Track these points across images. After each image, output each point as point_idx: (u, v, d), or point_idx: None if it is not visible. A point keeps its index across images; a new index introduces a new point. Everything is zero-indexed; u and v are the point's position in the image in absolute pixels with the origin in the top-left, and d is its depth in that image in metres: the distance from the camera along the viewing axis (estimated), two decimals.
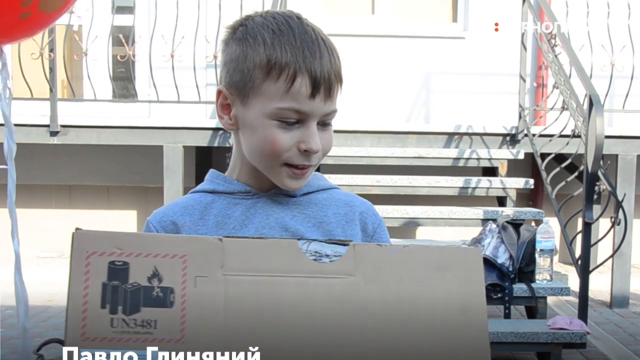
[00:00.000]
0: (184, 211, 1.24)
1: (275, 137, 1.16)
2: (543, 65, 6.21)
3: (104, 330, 0.90)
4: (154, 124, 5.49)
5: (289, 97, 1.14)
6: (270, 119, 1.16)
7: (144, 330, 0.91)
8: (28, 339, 2.64)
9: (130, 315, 0.91)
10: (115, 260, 0.92)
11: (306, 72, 1.14)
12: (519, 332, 3.82)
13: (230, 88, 1.20)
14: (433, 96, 6.64)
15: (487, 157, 5.44)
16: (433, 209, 4.90)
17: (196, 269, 0.93)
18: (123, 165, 6.43)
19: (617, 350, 4.32)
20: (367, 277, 0.97)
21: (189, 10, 5.48)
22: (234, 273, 0.94)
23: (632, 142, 5.50)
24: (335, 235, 1.24)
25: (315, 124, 1.18)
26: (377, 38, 6.57)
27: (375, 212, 1.33)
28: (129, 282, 0.92)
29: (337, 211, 1.27)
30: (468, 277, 1.00)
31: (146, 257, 0.93)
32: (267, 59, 1.15)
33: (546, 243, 4.11)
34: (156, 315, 0.91)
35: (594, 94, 4.20)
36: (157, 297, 0.92)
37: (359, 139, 5.68)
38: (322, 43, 1.18)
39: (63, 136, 5.42)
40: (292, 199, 1.25)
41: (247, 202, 1.24)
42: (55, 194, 6.63)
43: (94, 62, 5.53)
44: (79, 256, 0.93)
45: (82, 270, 0.92)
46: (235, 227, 1.21)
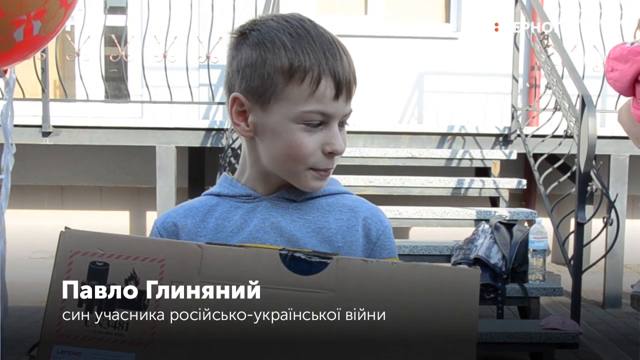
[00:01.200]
0: (187, 213, 1.24)
1: (302, 141, 1.16)
2: (536, 66, 6.21)
3: (78, 329, 0.92)
4: (146, 125, 5.48)
5: (314, 100, 1.14)
6: (295, 122, 1.15)
7: (115, 331, 0.91)
8: None
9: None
10: (97, 260, 0.93)
11: (330, 74, 1.15)
12: (511, 332, 3.83)
13: (247, 94, 1.18)
14: (426, 96, 6.64)
15: (480, 157, 5.44)
16: (426, 210, 4.90)
17: (173, 274, 0.93)
18: (115, 165, 6.42)
19: (609, 350, 4.33)
20: (348, 294, 0.93)
21: (182, 10, 5.47)
22: (211, 280, 0.93)
23: (624, 142, 5.51)
24: (334, 241, 1.21)
25: (337, 126, 1.19)
26: (370, 39, 6.57)
27: (381, 218, 1.28)
28: (107, 282, 0.93)
29: (339, 217, 1.24)
30: (460, 304, 0.93)
31: (126, 259, 0.93)
32: (289, 63, 1.14)
33: (539, 243, 4.12)
34: (129, 317, 0.92)
35: (587, 95, 4.21)
36: (132, 300, 0.92)
37: (351, 140, 5.67)
38: (338, 45, 1.19)
39: (55, 137, 5.40)
40: (294, 204, 1.24)
41: (248, 206, 1.23)
42: (48, 195, 6.61)
43: (86, 63, 5.51)
44: (63, 255, 0.94)
45: (65, 269, 0.94)
46: (233, 230, 1.21)
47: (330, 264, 0.95)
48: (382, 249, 1.25)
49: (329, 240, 1.22)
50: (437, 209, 4.91)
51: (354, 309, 0.92)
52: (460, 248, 4.31)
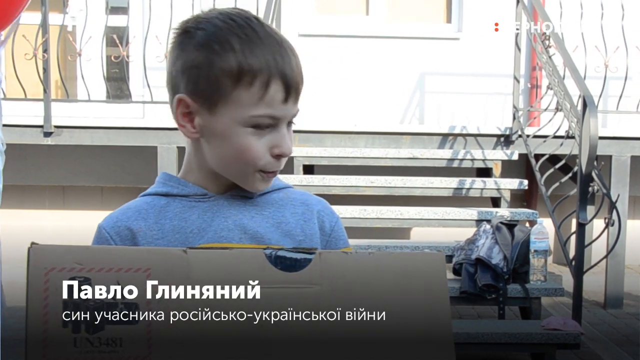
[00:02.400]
0: (138, 216, 1.20)
1: (251, 144, 1.14)
2: (537, 66, 6.22)
3: (67, 351, 0.86)
4: (148, 125, 5.48)
5: (264, 104, 1.12)
6: (244, 126, 1.13)
7: (109, 349, 0.87)
8: None
9: (95, 333, 0.87)
10: (77, 276, 0.87)
11: (279, 77, 1.12)
12: (513, 332, 3.83)
13: (193, 96, 1.16)
14: (427, 97, 6.64)
15: (481, 157, 5.43)
16: (427, 210, 4.90)
17: (161, 282, 0.90)
18: (117, 166, 6.42)
19: (611, 350, 4.33)
20: (333, 285, 0.95)
21: (183, 10, 5.45)
22: (200, 285, 0.91)
23: (625, 143, 5.51)
24: (294, 235, 1.22)
25: (285, 127, 1.17)
26: (371, 39, 6.57)
27: (331, 210, 1.30)
28: (92, 298, 0.88)
29: (294, 210, 1.25)
30: (431, 283, 0.99)
31: (108, 272, 0.88)
32: (238, 67, 1.11)
33: (540, 244, 4.11)
34: (121, 332, 0.87)
35: (588, 95, 4.21)
36: (122, 314, 0.88)
37: (353, 140, 5.67)
38: (286, 45, 1.16)
39: (57, 137, 5.41)
40: (250, 200, 1.23)
41: (204, 205, 1.20)
42: (49, 195, 6.61)
43: (87, 63, 5.51)
44: (36, 273, 0.87)
45: (41, 287, 0.86)
46: (193, 231, 1.18)
47: (314, 259, 0.95)
48: (338, 240, 1.27)
49: (289, 234, 1.22)
50: (439, 209, 4.91)
51: (340, 300, 0.94)
52: (462, 248, 4.31)
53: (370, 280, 0.96)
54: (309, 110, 6.36)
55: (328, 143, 5.58)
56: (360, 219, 4.79)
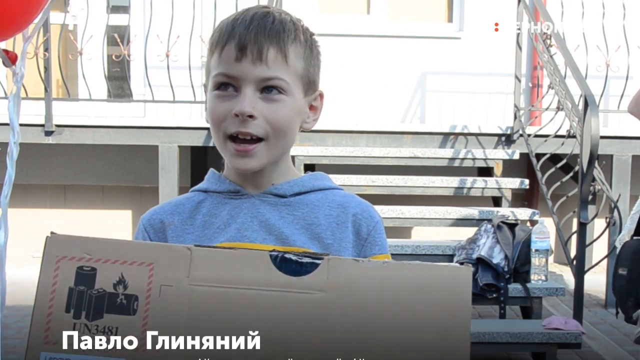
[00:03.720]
0: (174, 210, 1.24)
1: (214, 107, 1.18)
2: (538, 66, 6.21)
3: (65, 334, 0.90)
4: (149, 124, 5.48)
5: (220, 64, 1.17)
6: (211, 91, 1.18)
7: (105, 336, 0.91)
8: None
9: (93, 320, 0.91)
10: (84, 265, 0.92)
11: (233, 39, 1.16)
12: (514, 332, 3.83)
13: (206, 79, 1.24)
14: (428, 96, 6.64)
15: (482, 157, 5.44)
16: (428, 209, 4.90)
17: (162, 278, 0.92)
18: (118, 165, 6.42)
19: (612, 350, 4.32)
20: (340, 293, 0.92)
21: (184, 9, 5.47)
22: (200, 283, 0.93)
23: (627, 142, 5.51)
24: (323, 238, 1.20)
25: (251, 90, 1.15)
26: (373, 38, 6.57)
27: (372, 214, 1.26)
28: (95, 287, 0.91)
29: (329, 213, 1.22)
30: (452, 300, 0.93)
31: (114, 263, 0.92)
32: (211, 41, 1.20)
33: (541, 243, 4.11)
34: (118, 322, 0.91)
35: (589, 95, 4.21)
36: (121, 304, 0.91)
37: (354, 139, 5.68)
38: (271, 19, 1.18)
39: (58, 136, 5.41)
40: (282, 200, 1.22)
41: (235, 202, 1.22)
42: (50, 194, 6.62)
43: (89, 62, 5.51)
44: (49, 260, 0.92)
45: (52, 274, 0.92)
46: (220, 226, 1.20)
47: (322, 265, 0.93)
48: (373, 245, 1.24)
49: (318, 237, 1.20)
50: (440, 208, 4.91)
51: (345, 309, 0.92)
52: (463, 248, 4.31)
53: (380, 292, 0.93)
54: None
55: (329, 142, 5.58)
56: None
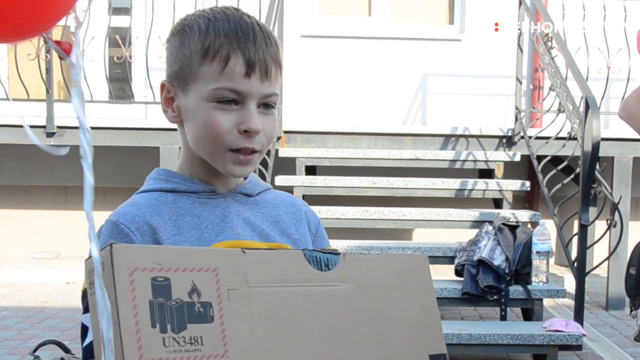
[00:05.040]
0: (152, 211, 1.20)
1: (215, 119, 1.15)
2: (539, 68, 6.22)
3: (158, 351, 0.86)
4: (150, 125, 5.49)
5: (224, 77, 1.15)
6: (208, 101, 1.16)
7: (193, 347, 0.88)
8: None
9: (179, 333, 0.87)
10: (157, 276, 0.88)
11: (240, 52, 1.15)
12: (515, 334, 3.83)
13: (171, 79, 1.21)
14: (429, 98, 6.65)
15: (483, 159, 5.44)
16: (429, 211, 4.90)
17: (227, 282, 0.92)
18: (119, 166, 6.43)
19: (612, 352, 4.33)
20: (357, 283, 1.04)
21: (186, 11, 5.46)
22: (257, 285, 0.94)
23: (628, 144, 5.51)
24: (290, 234, 1.28)
25: (255, 106, 1.17)
26: (374, 40, 6.57)
27: (313, 211, 1.38)
28: (173, 298, 0.88)
29: (286, 210, 1.30)
30: (422, 280, 1.12)
31: (184, 271, 0.90)
32: (201, 44, 1.16)
33: (542, 245, 4.11)
34: (201, 331, 0.89)
35: (590, 97, 4.21)
36: (199, 313, 0.89)
37: (355, 141, 5.68)
38: (258, 28, 1.19)
39: (59, 137, 5.42)
40: (250, 199, 1.27)
41: (213, 202, 1.23)
42: (51, 195, 6.63)
43: (90, 63, 5.52)
44: (122, 272, 0.86)
45: (128, 287, 0.86)
46: (208, 227, 1.20)
47: (340, 259, 1.03)
48: (322, 239, 1.35)
49: (286, 232, 1.27)
50: (441, 210, 4.91)
51: (365, 296, 1.04)
52: (464, 250, 4.31)
53: (382, 278, 1.07)
54: (311, 111, 6.38)
55: (330, 144, 5.59)
56: (362, 220, 4.79)
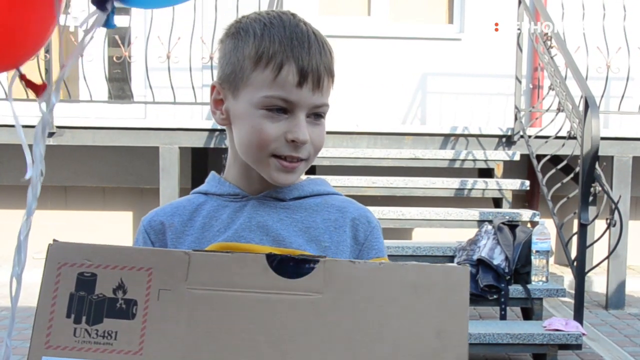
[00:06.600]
0: (174, 211, 1.24)
1: (262, 126, 1.15)
2: (539, 67, 6.22)
3: (67, 339, 0.92)
4: (149, 125, 5.49)
5: (276, 86, 1.14)
6: (257, 108, 1.15)
7: (104, 340, 0.92)
8: None
9: (93, 325, 0.92)
10: (84, 271, 0.94)
11: (293, 61, 1.14)
12: (514, 333, 3.83)
13: (222, 82, 1.20)
14: (429, 97, 6.65)
15: (483, 158, 5.43)
16: (429, 210, 4.90)
17: (160, 282, 0.94)
18: (119, 166, 6.42)
19: (612, 351, 4.33)
20: (336, 295, 0.92)
21: (185, 11, 5.47)
22: (198, 287, 0.94)
23: (627, 143, 5.51)
24: (321, 241, 1.21)
25: (304, 116, 1.16)
26: (373, 39, 6.57)
27: (370, 218, 1.29)
28: (95, 293, 0.94)
29: (327, 217, 1.24)
30: (449, 299, 0.92)
31: (113, 269, 0.94)
32: (255, 50, 1.15)
33: (542, 244, 4.11)
34: (117, 326, 0.92)
35: (590, 96, 4.21)
36: (120, 309, 0.93)
37: (354, 140, 5.68)
38: (313, 36, 1.17)
39: (59, 137, 5.42)
40: (282, 203, 1.23)
41: (236, 205, 1.22)
42: (51, 195, 6.62)
43: (89, 63, 5.52)
44: (51, 267, 0.95)
45: (53, 280, 0.94)
46: (220, 229, 1.20)
47: (318, 267, 0.94)
48: (370, 250, 1.26)
49: (316, 239, 1.21)
50: (440, 209, 4.91)
51: (342, 311, 0.92)
52: (464, 249, 4.31)
53: (377, 291, 0.93)
54: None
55: (330, 143, 5.59)
56: None
